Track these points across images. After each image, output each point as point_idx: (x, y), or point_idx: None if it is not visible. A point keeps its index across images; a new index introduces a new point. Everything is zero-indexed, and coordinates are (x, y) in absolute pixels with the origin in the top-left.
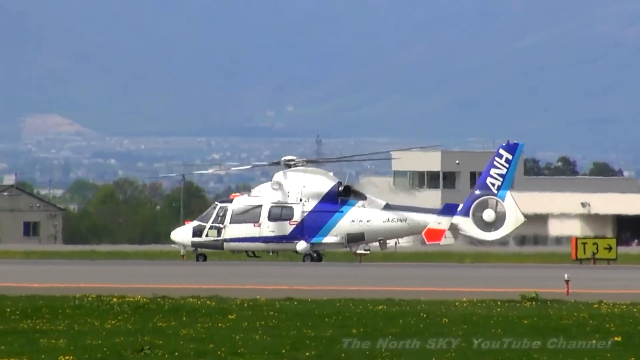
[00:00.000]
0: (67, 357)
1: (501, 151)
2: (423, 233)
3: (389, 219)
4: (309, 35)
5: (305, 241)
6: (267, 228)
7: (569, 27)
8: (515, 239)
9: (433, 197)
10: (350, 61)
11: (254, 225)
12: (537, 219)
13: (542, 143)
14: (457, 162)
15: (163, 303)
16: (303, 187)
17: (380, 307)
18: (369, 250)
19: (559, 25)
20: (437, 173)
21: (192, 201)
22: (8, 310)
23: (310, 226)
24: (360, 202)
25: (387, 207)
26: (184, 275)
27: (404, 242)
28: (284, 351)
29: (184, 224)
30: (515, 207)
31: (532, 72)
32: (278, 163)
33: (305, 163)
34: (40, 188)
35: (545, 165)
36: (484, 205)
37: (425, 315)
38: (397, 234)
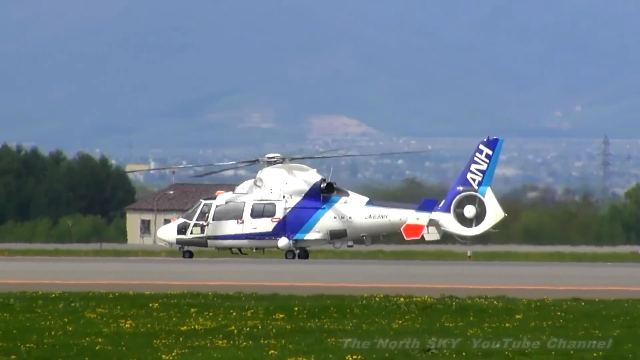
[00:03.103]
0: (354, 357)
1: (481, 147)
2: (402, 229)
3: (370, 215)
4: (596, 35)
5: (288, 238)
6: (250, 225)
7: None
8: None
9: None
10: (638, 61)
11: (237, 222)
12: None
13: None
14: None
15: (450, 303)
16: (285, 184)
17: None
18: None
19: None
20: None
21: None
22: (296, 309)
23: (293, 223)
24: (343, 199)
25: (370, 203)
26: (471, 275)
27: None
28: (571, 352)
29: (170, 221)
30: (495, 202)
31: None
32: (257, 161)
33: (287, 160)
34: None
35: None
36: (464, 201)
37: None
38: (379, 230)
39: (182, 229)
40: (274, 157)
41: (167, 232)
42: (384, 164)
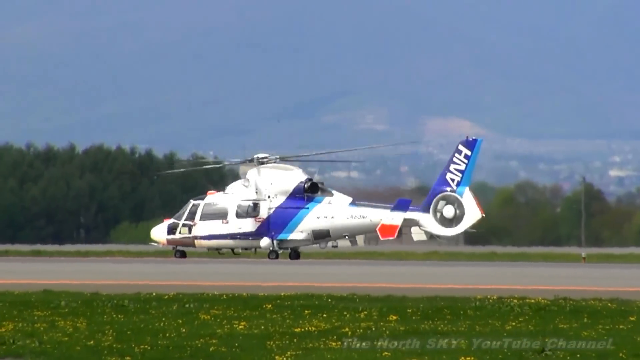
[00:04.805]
0: (468, 358)
1: (460, 147)
2: (377, 229)
3: (352, 216)
4: None
5: (272, 237)
6: (235, 225)
7: None
8: None
9: None
10: None
11: (222, 223)
12: None
13: None
14: None
15: (564, 305)
16: (271, 184)
17: None
18: None
19: None
20: None
21: (592, 204)
22: (409, 311)
23: (276, 223)
24: (327, 199)
25: (353, 203)
26: (585, 277)
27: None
28: None
29: (162, 221)
30: (473, 203)
31: None
32: (251, 160)
33: (277, 160)
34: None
35: None
36: (443, 202)
37: None
38: (360, 230)
39: (172, 229)
40: (265, 157)
41: (158, 233)
42: (497, 165)
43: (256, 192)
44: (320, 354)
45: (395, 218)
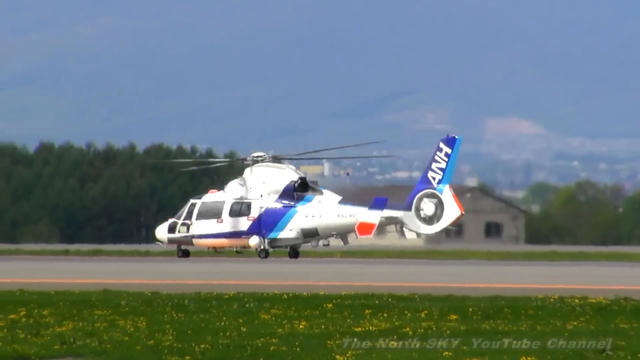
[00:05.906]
0: (529, 358)
1: (441, 145)
2: (355, 227)
3: (339, 214)
4: None
5: (263, 236)
6: (229, 224)
7: None
8: None
9: None
10: None
11: (217, 222)
12: None
13: None
14: None
15: (625, 304)
16: (263, 183)
17: None
18: None
19: None
20: None
21: None
22: (470, 310)
23: (267, 222)
24: (317, 198)
25: (342, 202)
26: None
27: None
28: None
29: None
30: (453, 200)
31: None
32: (244, 160)
33: (273, 159)
34: (501, 190)
35: None
36: (425, 199)
37: None
38: (348, 229)
39: (171, 229)
40: (260, 156)
41: (161, 232)
42: (558, 165)
43: (250, 191)
44: (380, 353)
45: (372, 216)
